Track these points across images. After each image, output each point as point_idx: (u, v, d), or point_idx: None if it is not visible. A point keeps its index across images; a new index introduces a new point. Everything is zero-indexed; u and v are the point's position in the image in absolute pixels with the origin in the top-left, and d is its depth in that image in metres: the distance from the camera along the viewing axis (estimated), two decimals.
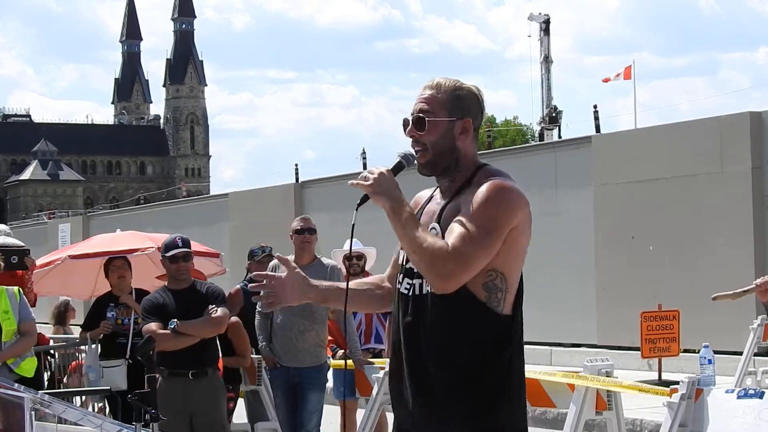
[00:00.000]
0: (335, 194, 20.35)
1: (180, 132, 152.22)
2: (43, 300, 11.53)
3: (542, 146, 19.79)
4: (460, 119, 3.41)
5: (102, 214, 37.03)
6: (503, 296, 3.30)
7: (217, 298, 7.15)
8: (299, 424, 7.84)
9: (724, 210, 13.58)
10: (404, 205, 3.30)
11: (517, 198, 3.31)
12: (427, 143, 3.40)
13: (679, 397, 6.12)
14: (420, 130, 3.40)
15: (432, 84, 3.44)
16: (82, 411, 5.86)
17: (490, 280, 3.28)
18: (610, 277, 14.89)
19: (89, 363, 8.92)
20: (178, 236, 7.26)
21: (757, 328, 10.26)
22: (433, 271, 3.22)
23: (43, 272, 10.12)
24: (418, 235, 3.24)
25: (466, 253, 3.20)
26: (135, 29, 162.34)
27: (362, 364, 8.01)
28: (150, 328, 6.99)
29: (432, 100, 3.41)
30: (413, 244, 3.24)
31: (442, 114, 3.40)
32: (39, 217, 67.44)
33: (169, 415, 6.98)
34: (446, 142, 3.39)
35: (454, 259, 3.20)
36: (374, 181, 3.29)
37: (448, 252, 3.20)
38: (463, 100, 3.42)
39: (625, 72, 38.24)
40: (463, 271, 3.22)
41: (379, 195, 3.29)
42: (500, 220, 3.26)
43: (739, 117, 13.69)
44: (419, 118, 3.40)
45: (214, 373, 7.19)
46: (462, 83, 3.45)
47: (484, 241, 3.22)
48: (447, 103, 3.40)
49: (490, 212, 3.25)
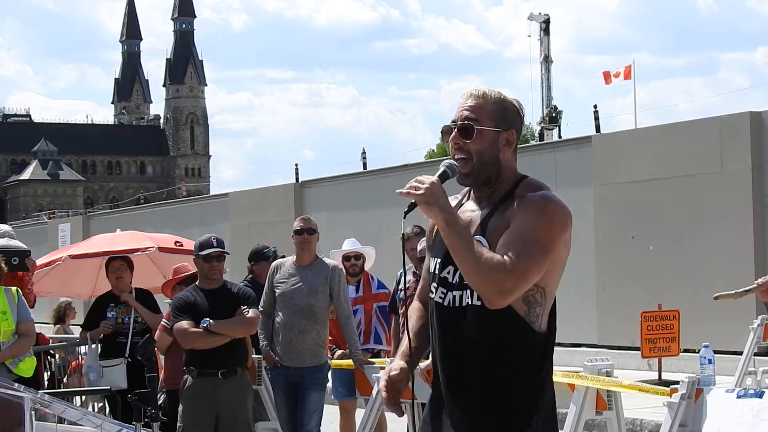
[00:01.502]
0: (335, 194, 20.34)
1: (180, 132, 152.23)
2: (44, 300, 11.53)
3: (542, 146, 19.78)
4: (505, 130, 3.36)
5: (102, 214, 37.01)
6: (541, 311, 3.28)
7: (248, 299, 7.20)
8: (299, 424, 7.85)
9: (724, 210, 13.57)
10: (458, 217, 3.23)
11: (567, 213, 3.31)
12: (473, 152, 3.34)
13: (679, 397, 6.12)
14: (466, 138, 3.33)
15: (478, 93, 3.37)
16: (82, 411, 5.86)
17: (531, 295, 3.25)
18: (610, 277, 14.89)
19: (89, 363, 8.92)
20: (212, 236, 7.29)
21: (757, 328, 10.25)
22: (490, 287, 3.15)
23: (43, 272, 10.12)
24: (475, 249, 3.17)
25: (524, 269, 3.16)
26: (135, 29, 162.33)
27: (362, 364, 8.01)
28: (181, 327, 7.02)
29: (478, 109, 3.34)
30: (469, 257, 3.16)
31: (489, 124, 3.34)
32: (39, 217, 67.42)
33: (195, 413, 7.04)
34: (491, 153, 3.34)
35: (512, 275, 3.14)
36: (426, 191, 3.18)
37: (506, 268, 3.14)
38: (508, 112, 3.38)
39: (625, 72, 38.20)
40: (521, 287, 3.18)
41: (432, 206, 3.18)
42: (554, 236, 3.24)
43: (739, 117, 13.68)
44: (466, 126, 3.33)
45: (243, 372, 7.23)
46: (505, 96, 3.40)
47: (540, 258, 3.20)
48: (494, 114, 3.35)
49: (545, 228, 3.23)
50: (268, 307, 7.91)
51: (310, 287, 7.79)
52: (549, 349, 3.33)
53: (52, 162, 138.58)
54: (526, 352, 3.26)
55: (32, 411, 4.89)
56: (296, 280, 7.83)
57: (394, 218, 17.56)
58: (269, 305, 7.91)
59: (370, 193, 19.10)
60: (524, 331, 3.25)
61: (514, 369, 3.26)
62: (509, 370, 3.25)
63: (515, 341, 3.25)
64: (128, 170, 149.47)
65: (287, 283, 7.84)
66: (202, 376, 7.07)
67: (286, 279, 7.86)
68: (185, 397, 7.12)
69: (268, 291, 7.93)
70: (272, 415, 8.38)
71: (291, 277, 7.85)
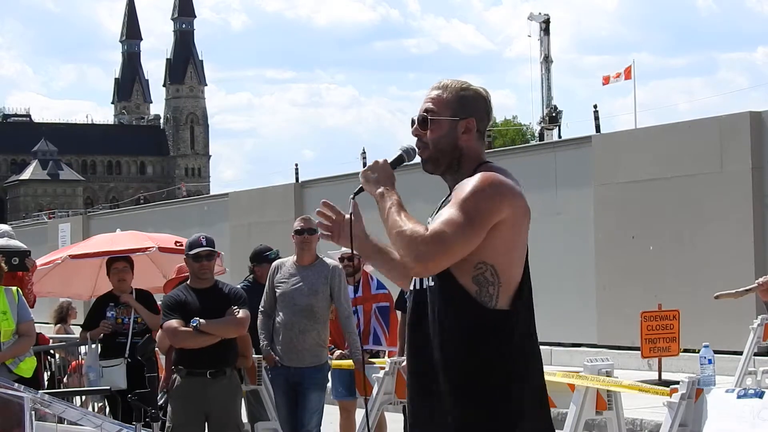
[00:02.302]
0: (335, 194, 20.29)
1: (180, 132, 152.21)
2: (44, 300, 11.53)
3: (542, 146, 19.79)
4: (463, 119, 3.43)
5: (102, 214, 37.02)
6: (495, 290, 3.28)
7: (239, 299, 7.17)
8: (300, 424, 7.84)
9: (724, 210, 13.58)
10: (393, 192, 3.36)
11: (506, 191, 3.31)
12: (429, 142, 3.44)
13: (679, 397, 6.12)
14: (423, 129, 3.45)
15: (439, 85, 3.48)
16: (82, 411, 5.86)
17: (480, 273, 3.27)
18: (610, 277, 14.88)
19: (89, 363, 8.92)
20: (202, 235, 7.29)
21: (757, 327, 10.25)
22: (409, 253, 3.22)
23: (43, 272, 10.11)
24: (400, 219, 3.27)
25: (444, 237, 3.20)
26: (135, 29, 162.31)
27: (362, 364, 8.00)
28: (171, 325, 7.00)
29: (437, 100, 3.45)
30: (394, 227, 3.27)
31: (447, 114, 3.43)
32: (39, 217, 67.46)
33: (185, 413, 7.03)
34: (448, 141, 3.42)
35: (431, 241, 3.20)
36: (368, 168, 3.39)
37: (426, 235, 3.21)
38: (468, 100, 3.46)
39: (625, 72, 38.24)
40: (440, 253, 3.21)
41: (370, 182, 3.40)
42: (484, 210, 3.25)
43: (739, 117, 13.69)
44: (424, 117, 3.45)
45: (233, 373, 7.21)
46: (469, 84, 3.49)
47: (464, 228, 3.22)
48: (452, 103, 3.44)
49: (474, 201, 3.25)
50: (269, 307, 7.90)
51: (311, 287, 7.79)
52: (511, 327, 3.29)
53: (52, 162, 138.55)
54: (477, 328, 3.27)
55: (32, 411, 4.89)
56: (297, 280, 7.82)
57: None
58: (270, 305, 7.90)
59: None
60: (477, 309, 3.27)
61: (465, 342, 3.27)
62: (461, 343, 3.27)
63: (465, 317, 3.27)
64: (128, 170, 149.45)
65: (288, 283, 7.84)
66: (190, 375, 7.04)
67: (286, 279, 7.86)
68: (174, 397, 7.09)
69: (269, 291, 7.93)
70: (272, 415, 8.38)
71: (291, 277, 7.85)
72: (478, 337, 3.28)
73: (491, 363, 3.28)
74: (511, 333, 3.31)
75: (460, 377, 3.27)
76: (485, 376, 3.27)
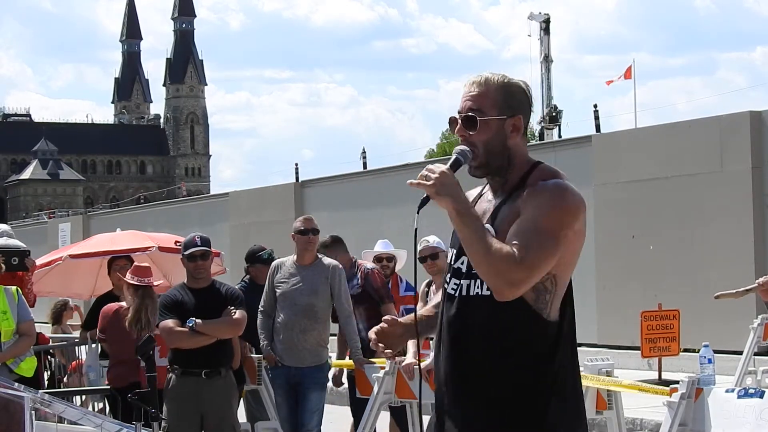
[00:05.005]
0: (335, 194, 20.33)
1: (180, 131, 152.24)
2: (44, 300, 11.53)
3: (542, 145, 19.78)
4: (511, 117, 3.25)
5: (102, 214, 36.98)
6: (550, 298, 3.16)
7: (236, 299, 7.15)
8: (300, 424, 7.84)
9: (724, 210, 13.58)
10: (470, 207, 3.12)
11: (580, 200, 3.20)
12: (478, 143, 3.23)
13: (679, 397, 6.11)
14: (470, 130, 3.23)
15: (480, 80, 3.25)
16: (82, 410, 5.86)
17: (541, 282, 3.14)
18: (610, 277, 14.89)
19: (89, 363, 8.93)
20: (197, 235, 7.27)
21: (757, 327, 10.26)
22: (500, 279, 3.05)
23: (43, 272, 10.13)
24: (486, 239, 3.06)
25: (535, 261, 3.06)
26: (135, 29, 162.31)
27: (362, 364, 8.00)
28: (167, 325, 6.98)
29: (481, 97, 3.23)
30: (479, 248, 3.06)
31: (493, 112, 3.23)
32: (39, 216, 67.43)
33: (180, 413, 7.01)
34: (498, 142, 3.24)
35: (522, 266, 3.04)
36: (436, 180, 3.07)
37: (516, 259, 3.04)
38: (513, 96, 3.25)
39: (625, 72, 38.23)
40: (532, 279, 3.08)
41: (443, 196, 3.08)
42: (565, 224, 3.13)
43: (739, 116, 13.68)
44: (469, 117, 3.23)
45: (228, 373, 7.18)
46: (510, 78, 3.28)
47: (551, 247, 3.09)
48: (497, 100, 3.23)
49: (556, 217, 3.12)
50: (269, 306, 7.90)
51: (311, 287, 7.79)
52: (561, 338, 3.20)
53: (52, 162, 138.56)
54: (533, 341, 3.16)
55: (32, 411, 4.89)
56: (297, 279, 7.82)
57: (394, 218, 17.63)
58: (270, 305, 7.90)
59: (370, 193, 19.10)
60: (532, 318, 3.15)
61: (519, 357, 3.15)
62: (513, 358, 3.15)
63: (522, 329, 3.15)
64: (128, 170, 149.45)
65: (288, 283, 7.83)
66: (185, 375, 7.01)
67: (286, 279, 7.86)
68: (169, 397, 7.06)
69: (269, 291, 7.93)
70: (272, 415, 8.38)
71: (292, 277, 7.85)
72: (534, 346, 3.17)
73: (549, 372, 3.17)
74: (567, 342, 3.23)
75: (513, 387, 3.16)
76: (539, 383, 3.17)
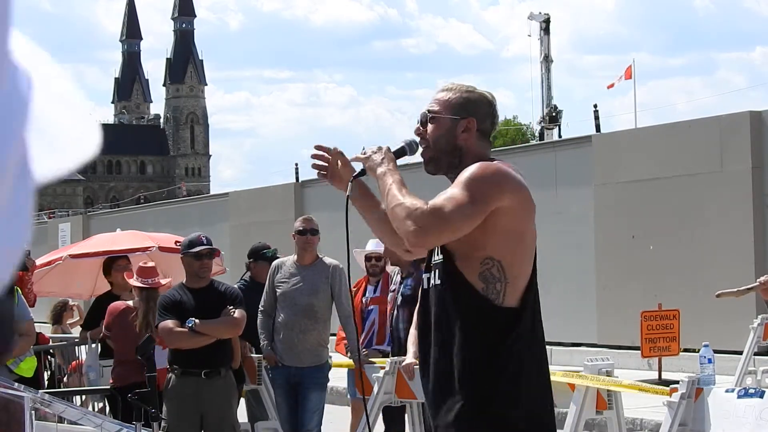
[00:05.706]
0: (336, 194, 20.14)
1: (180, 131, 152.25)
2: (44, 300, 11.53)
3: (542, 146, 19.79)
4: (464, 118, 3.47)
5: (102, 214, 37.00)
6: (503, 287, 3.27)
7: (235, 299, 7.14)
8: (300, 424, 7.84)
9: (724, 210, 13.58)
10: (395, 172, 3.40)
11: (509, 179, 3.32)
12: (429, 139, 3.49)
13: (679, 397, 6.11)
14: (423, 126, 3.51)
15: (446, 87, 3.56)
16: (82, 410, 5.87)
17: (486, 269, 3.26)
18: (610, 277, 14.89)
19: (89, 362, 8.93)
20: (201, 234, 7.28)
21: (757, 327, 10.26)
22: (408, 226, 3.22)
23: (43, 272, 10.13)
24: (400, 194, 3.29)
25: (444, 212, 3.21)
26: (135, 29, 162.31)
27: (362, 364, 8.00)
28: (166, 326, 6.97)
29: (442, 100, 3.51)
30: (393, 201, 3.29)
31: (448, 113, 3.48)
32: (39, 216, 67.38)
33: (180, 413, 7.02)
34: (448, 140, 3.46)
35: (430, 214, 3.21)
36: (372, 154, 3.46)
37: (426, 208, 3.22)
38: (470, 101, 3.51)
39: (625, 72, 38.24)
40: (438, 227, 3.22)
41: (373, 167, 3.43)
42: (485, 191, 3.25)
43: (739, 116, 13.69)
44: (425, 116, 3.51)
45: (227, 373, 7.17)
46: (475, 88, 3.56)
47: (464, 206, 3.21)
48: (454, 103, 3.49)
49: (475, 183, 3.26)
50: (269, 306, 7.90)
51: (312, 287, 7.79)
52: (519, 324, 3.30)
53: None
54: (485, 326, 3.27)
55: (32, 411, 4.89)
56: (297, 279, 7.83)
57: None
58: (270, 305, 7.90)
59: None
60: (482, 306, 3.27)
61: (470, 344, 3.27)
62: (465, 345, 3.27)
63: (472, 316, 3.28)
64: (128, 170, 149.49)
65: (288, 283, 7.84)
66: (185, 375, 7.00)
67: (287, 279, 7.86)
68: (168, 398, 7.05)
69: (269, 291, 7.93)
70: (272, 414, 8.38)
71: (292, 277, 7.85)
72: (488, 334, 3.27)
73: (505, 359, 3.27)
74: (527, 330, 3.33)
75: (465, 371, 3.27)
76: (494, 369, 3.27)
